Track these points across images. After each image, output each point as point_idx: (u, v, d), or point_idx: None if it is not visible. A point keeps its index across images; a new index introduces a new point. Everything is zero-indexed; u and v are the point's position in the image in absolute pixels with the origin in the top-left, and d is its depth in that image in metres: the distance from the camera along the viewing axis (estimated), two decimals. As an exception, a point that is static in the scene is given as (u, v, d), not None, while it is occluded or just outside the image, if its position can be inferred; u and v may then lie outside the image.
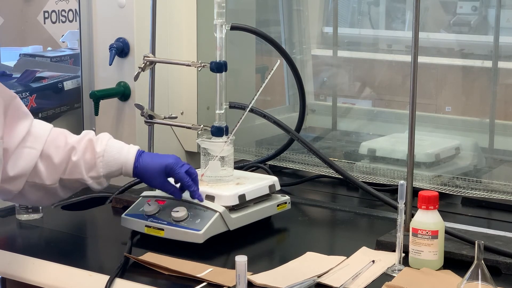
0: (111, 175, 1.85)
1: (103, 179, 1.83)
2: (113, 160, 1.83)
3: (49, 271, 1.76)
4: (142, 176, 1.87)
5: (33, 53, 2.61)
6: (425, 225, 1.69)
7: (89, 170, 1.81)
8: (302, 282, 1.61)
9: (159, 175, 1.85)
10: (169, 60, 2.15)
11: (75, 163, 1.79)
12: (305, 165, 2.44)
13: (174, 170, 1.85)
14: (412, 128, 1.79)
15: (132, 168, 1.84)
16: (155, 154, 1.94)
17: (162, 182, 1.86)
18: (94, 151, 1.81)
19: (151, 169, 1.84)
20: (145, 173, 1.85)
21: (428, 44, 2.78)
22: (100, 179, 1.83)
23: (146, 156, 1.86)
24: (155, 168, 1.84)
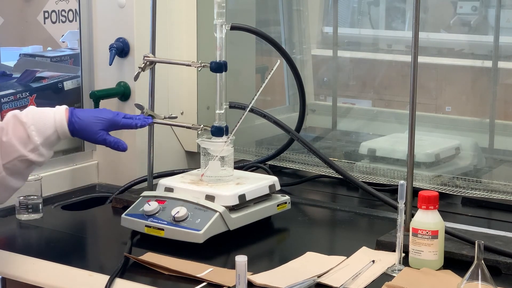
0: (49, 141, 1.76)
1: (42, 149, 1.74)
2: (44, 125, 1.75)
3: (49, 271, 1.76)
4: (81, 134, 1.81)
5: (33, 53, 2.61)
6: (425, 225, 1.69)
7: (25, 144, 1.73)
8: (302, 282, 1.61)
9: (100, 131, 1.81)
10: (169, 60, 2.15)
11: (8, 142, 1.72)
12: (305, 165, 2.44)
13: (118, 121, 1.84)
14: (412, 128, 1.79)
15: (67, 127, 1.78)
16: (87, 110, 1.87)
17: (104, 137, 1.82)
18: (22, 123, 1.74)
19: (91, 125, 1.80)
20: (84, 131, 1.80)
21: (428, 44, 2.78)
22: (39, 149, 1.74)
23: (80, 113, 1.80)
24: (97, 124, 1.80)
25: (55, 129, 1.77)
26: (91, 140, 1.85)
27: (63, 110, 1.79)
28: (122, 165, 2.39)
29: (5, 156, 1.72)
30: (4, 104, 2.28)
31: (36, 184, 2.10)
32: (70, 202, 2.28)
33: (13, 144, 1.72)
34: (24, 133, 1.73)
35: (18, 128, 1.73)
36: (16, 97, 2.31)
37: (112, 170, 2.42)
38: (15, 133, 1.73)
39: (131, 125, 1.89)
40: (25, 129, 1.74)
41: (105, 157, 2.43)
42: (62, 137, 1.79)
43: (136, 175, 2.31)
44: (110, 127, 1.84)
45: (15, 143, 1.72)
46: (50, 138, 1.77)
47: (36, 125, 1.75)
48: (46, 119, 1.76)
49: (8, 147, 1.72)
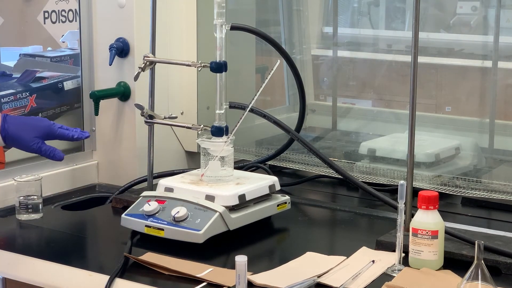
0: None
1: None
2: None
3: (49, 271, 1.76)
4: (15, 141, 1.76)
5: (33, 53, 2.61)
6: (425, 225, 1.69)
7: None
8: (302, 282, 1.61)
9: (35, 138, 1.76)
10: (169, 60, 2.15)
11: None
12: (305, 165, 2.44)
13: (54, 130, 1.79)
14: (412, 128, 1.79)
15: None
16: (21, 117, 1.81)
17: (39, 145, 1.77)
18: None
19: (26, 132, 1.75)
20: (18, 138, 1.75)
21: (428, 44, 2.78)
22: None
23: (13, 120, 1.74)
24: (31, 133, 1.75)
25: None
26: (25, 147, 1.79)
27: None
28: (122, 165, 2.39)
29: None
30: (4, 104, 2.28)
31: (36, 184, 2.10)
32: (70, 202, 2.28)
33: None
34: None
35: None
36: (16, 97, 2.32)
37: (112, 170, 2.42)
38: None
39: (68, 136, 1.83)
40: None
41: (105, 157, 2.43)
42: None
43: (136, 175, 2.31)
44: (46, 136, 1.79)
45: None
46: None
47: None
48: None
49: None
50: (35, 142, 1.77)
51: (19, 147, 1.79)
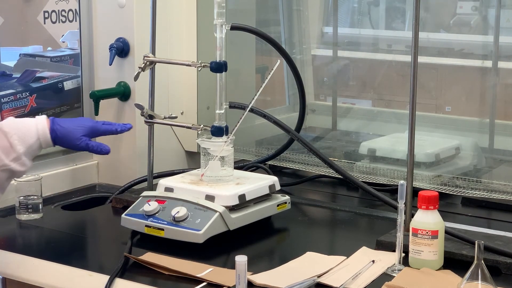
0: (31, 150, 1.76)
1: (25, 158, 1.74)
2: (26, 134, 1.75)
3: (49, 271, 1.76)
4: (63, 142, 1.82)
5: (33, 53, 2.61)
6: (425, 225, 1.69)
7: (8, 154, 1.72)
8: (302, 282, 1.61)
9: (82, 137, 1.83)
10: (169, 60, 2.15)
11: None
12: (305, 165, 2.44)
13: (98, 128, 1.87)
14: (412, 128, 1.79)
15: (49, 135, 1.78)
16: (67, 119, 1.88)
17: (86, 142, 1.85)
18: (4, 133, 1.73)
19: (73, 132, 1.82)
20: (66, 138, 1.81)
21: (428, 44, 2.78)
22: (21, 158, 1.73)
23: (61, 122, 1.82)
24: (78, 132, 1.83)
25: (37, 138, 1.77)
26: (73, 146, 1.85)
27: (44, 119, 1.79)
28: (122, 165, 2.39)
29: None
30: (4, 104, 2.28)
31: (36, 184, 2.10)
32: (70, 202, 2.28)
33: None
34: (7, 143, 1.72)
35: (0, 138, 1.73)
36: (16, 97, 2.32)
37: (112, 170, 2.42)
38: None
39: (111, 130, 1.92)
40: (7, 138, 1.73)
41: (105, 157, 2.42)
42: (44, 145, 1.79)
43: (136, 175, 2.31)
44: (91, 134, 1.86)
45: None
46: (33, 147, 1.76)
47: (19, 134, 1.74)
48: (28, 128, 1.76)
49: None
50: (82, 141, 1.84)
51: (67, 147, 1.88)
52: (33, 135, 1.76)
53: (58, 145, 1.83)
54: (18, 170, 1.75)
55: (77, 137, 1.83)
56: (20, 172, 1.76)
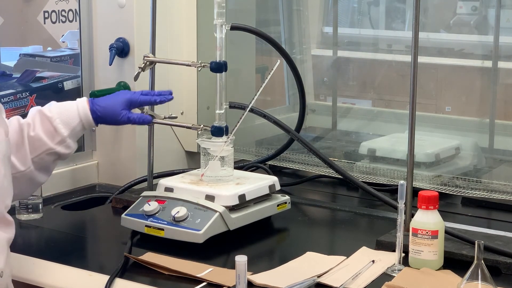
0: (74, 132, 1.85)
1: (69, 140, 1.83)
2: (69, 117, 1.84)
3: (49, 271, 1.76)
4: (105, 120, 1.89)
5: (33, 53, 2.61)
6: (425, 225, 1.69)
7: (53, 137, 1.81)
8: (302, 282, 1.61)
9: (122, 111, 1.89)
10: (169, 60, 2.15)
11: (36, 136, 1.80)
12: (305, 165, 2.44)
13: (136, 99, 1.91)
14: (412, 128, 1.79)
15: (90, 116, 1.86)
16: (105, 97, 1.94)
17: (127, 116, 1.90)
18: (47, 118, 1.82)
19: (113, 108, 1.88)
20: (107, 116, 1.88)
21: (428, 44, 2.78)
22: (66, 141, 1.82)
23: (100, 102, 1.88)
24: (117, 107, 1.88)
25: (80, 120, 1.85)
26: (115, 122, 1.92)
27: (85, 101, 1.87)
28: (122, 165, 2.39)
29: (33, 150, 1.80)
30: (4, 104, 2.28)
31: (36, 184, 2.10)
32: (70, 202, 2.28)
33: (41, 138, 1.80)
34: (51, 127, 1.81)
35: (44, 122, 1.81)
36: (16, 97, 2.32)
37: (112, 170, 2.42)
38: (42, 127, 1.81)
39: (150, 101, 1.95)
40: (51, 122, 1.81)
41: (105, 157, 2.43)
42: (86, 126, 1.87)
43: (136, 175, 2.31)
44: (131, 106, 1.92)
45: (43, 137, 1.80)
46: (76, 129, 1.85)
47: (61, 118, 1.83)
48: (70, 111, 1.84)
49: (37, 141, 1.80)
50: (123, 115, 1.90)
51: (109, 123, 1.93)
52: (75, 117, 1.84)
53: (101, 123, 1.90)
54: (64, 153, 1.84)
55: (118, 112, 1.89)
56: (65, 154, 1.85)
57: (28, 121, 1.82)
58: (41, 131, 1.81)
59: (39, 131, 1.80)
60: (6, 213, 1.62)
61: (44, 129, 1.81)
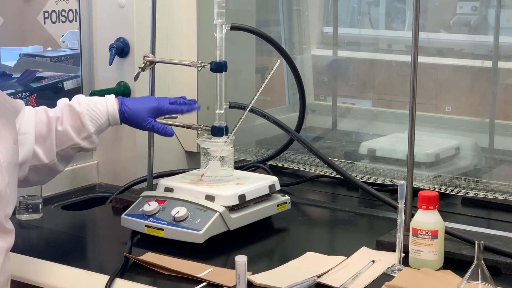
0: (101, 129, 1.89)
1: (95, 137, 1.87)
2: (98, 114, 1.87)
3: (49, 271, 1.76)
4: (130, 122, 1.92)
5: (33, 53, 2.61)
6: (425, 225, 1.69)
7: (79, 133, 1.85)
8: (302, 282, 1.61)
9: (148, 118, 1.92)
10: (169, 60, 2.15)
11: (64, 131, 1.84)
12: (305, 165, 2.44)
13: (164, 109, 1.94)
14: (412, 128, 1.79)
15: (118, 115, 1.89)
16: (135, 98, 1.98)
17: (152, 124, 1.93)
18: (76, 113, 1.85)
19: (139, 114, 1.91)
20: (133, 119, 1.92)
21: (428, 44, 2.78)
22: (91, 137, 1.87)
23: (129, 103, 1.92)
24: (144, 113, 1.92)
25: (107, 118, 1.89)
26: (139, 127, 1.95)
27: (114, 100, 1.90)
28: (122, 165, 2.39)
29: (60, 144, 1.83)
30: (4, 104, 2.27)
31: (36, 184, 2.10)
32: (70, 202, 2.28)
33: (68, 132, 1.83)
34: (79, 122, 1.85)
35: (72, 118, 1.84)
36: (16, 97, 2.31)
37: (112, 170, 2.42)
38: (70, 121, 1.84)
39: (177, 111, 1.98)
40: (80, 118, 1.85)
41: (105, 157, 2.43)
42: (112, 124, 1.91)
43: (136, 175, 2.31)
44: (157, 114, 1.95)
45: (70, 132, 1.84)
46: (102, 126, 1.89)
47: (90, 114, 1.87)
48: (99, 109, 1.88)
49: (63, 135, 1.83)
50: (148, 122, 1.93)
51: (133, 126, 1.96)
52: (104, 115, 1.88)
53: (125, 123, 1.94)
54: (87, 147, 1.88)
55: (144, 118, 1.92)
56: (89, 148, 1.90)
57: (57, 114, 1.84)
58: (69, 125, 1.84)
59: (67, 126, 1.84)
60: (7, 222, 1.61)
61: (72, 124, 1.84)
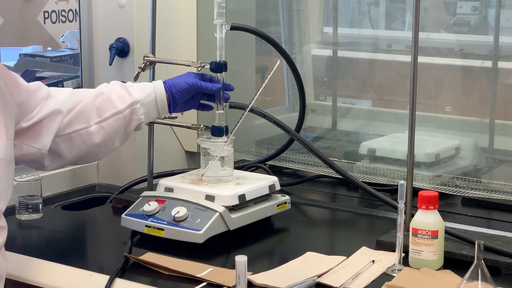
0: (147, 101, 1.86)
1: (139, 106, 1.84)
2: (145, 86, 1.87)
3: (49, 271, 1.76)
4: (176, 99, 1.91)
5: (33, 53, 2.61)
6: (425, 225, 1.69)
7: (124, 99, 1.83)
8: (302, 282, 1.61)
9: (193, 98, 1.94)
10: (169, 60, 2.15)
11: (107, 98, 1.82)
12: (305, 165, 2.44)
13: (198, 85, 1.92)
14: (412, 128, 1.79)
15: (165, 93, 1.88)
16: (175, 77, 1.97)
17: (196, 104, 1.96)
18: (122, 84, 1.86)
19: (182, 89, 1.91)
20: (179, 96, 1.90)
21: (428, 44, 2.78)
22: (136, 104, 1.84)
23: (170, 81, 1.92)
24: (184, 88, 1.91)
25: (153, 90, 1.87)
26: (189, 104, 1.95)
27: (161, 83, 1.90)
28: (122, 165, 2.39)
29: (102, 112, 1.81)
30: (4, 104, 2.27)
31: (36, 184, 2.10)
32: (70, 202, 2.28)
33: (111, 99, 1.82)
34: (124, 91, 1.84)
35: (117, 88, 1.85)
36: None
37: (112, 170, 2.42)
38: (115, 91, 1.84)
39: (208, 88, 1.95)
40: (125, 88, 1.85)
41: (105, 157, 2.43)
42: (160, 108, 1.88)
43: (136, 175, 2.31)
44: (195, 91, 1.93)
45: (113, 98, 1.82)
46: (149, 98, 1.86)
47: (136, 86, 1.86)
48: (145, 84, 1.89)
49: (106, 103, 1.82)
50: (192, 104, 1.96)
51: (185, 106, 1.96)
52: (150, 88, 1.87)
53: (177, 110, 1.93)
54: (133, 120, 1.84)
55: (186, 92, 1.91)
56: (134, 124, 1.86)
57: (100, 90, 1.85)
58: (114, 94, 1.83)
59: (111, 94, 1.83)
60: (0, 218, 1.61)
61: (117, 93, 1.83)
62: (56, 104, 1.77)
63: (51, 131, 1.76)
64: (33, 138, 1.74)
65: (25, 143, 1.73)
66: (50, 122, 1.75)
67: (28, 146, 1.74)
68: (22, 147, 1.73)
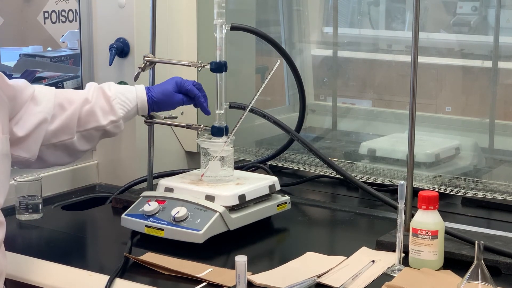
0: (128, 115, 1.93)
1: (121, 122, 1.91)
2: (127, 100, 1.91)
3: (49, 271, 1.76)
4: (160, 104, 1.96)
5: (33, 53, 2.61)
6: (425, 225, 1.69)
7: (107, 115, 1.88)
8: (302, 282, 1.61)
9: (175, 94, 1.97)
10: (169, 60, 2.15)
11: (90, 111, 1.86)
12: (305, 165, 2.44)
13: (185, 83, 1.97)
14: (412, 128, 1.79)
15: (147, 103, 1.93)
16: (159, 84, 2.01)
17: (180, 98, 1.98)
18: (106, 96, 1.89)
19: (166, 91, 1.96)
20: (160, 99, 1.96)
21: (428, 44, 2.78)
22: (119, 121, 1.90)
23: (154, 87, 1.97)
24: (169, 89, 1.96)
25: (136, 104, 1.92)
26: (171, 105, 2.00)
27: (143, 88, 1.96)
28: (122, 165, 2.39)
29: (84, 123, 1.86)
30: (4, 104, 2.27)
31: (36, 184, 2.10)
32: (70, 202, 2.28)
33: (95, 113, 1.87)
34: (108, 105, 1.88)
35: (102, 100, 1.88)
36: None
37: (112, 170, 2.42)
38: (99, 103, 1.87)
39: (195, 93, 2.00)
40: (109, 101, 1.88)
41: (105, 157, 2.43)
42: (140, 112, 1.96)
43: (136, 175, 2.31)
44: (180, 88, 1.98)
45: (97, 113, 1.87)
46: (131, 112, 1.92)
47: (120, 98, 1.90)
48: (129, 95, 1.93)
49: (89, 116, 1.86)
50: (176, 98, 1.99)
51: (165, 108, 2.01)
52: (133, 101, 1.93)
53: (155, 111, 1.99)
54: (112, 132, 1.91)
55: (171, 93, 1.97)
56: (112, 133, 1.92)
57: (86, 96, 1.87)
58: (97, 107, 1.87)
59: (95, 107, 1.86)
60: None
61: (101, 106, 1.87)
62: (41, 112, 1.80)
63: (39, 141, 1.81)
64: (22, 149, 1.79)
65: (15, 154, 1.77)
66: (38, 132, 1.80)
67: (17, 155, 1.78)
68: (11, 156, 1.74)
